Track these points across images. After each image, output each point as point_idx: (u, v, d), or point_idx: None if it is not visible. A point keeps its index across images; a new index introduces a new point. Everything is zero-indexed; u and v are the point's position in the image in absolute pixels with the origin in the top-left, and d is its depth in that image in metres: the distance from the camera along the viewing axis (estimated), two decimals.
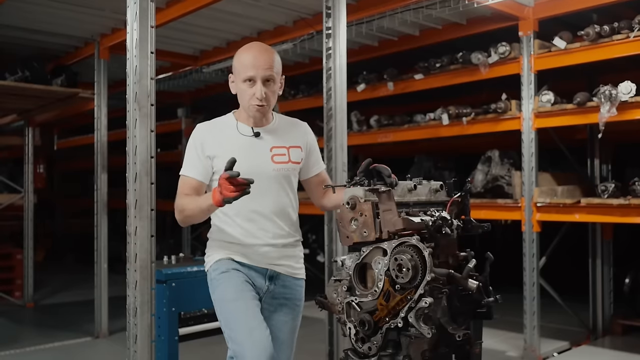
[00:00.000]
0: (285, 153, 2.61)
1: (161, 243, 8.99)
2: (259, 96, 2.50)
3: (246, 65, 2.50)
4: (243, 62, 2.52)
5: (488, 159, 5.75)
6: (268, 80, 2.51)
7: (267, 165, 2.56)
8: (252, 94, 2.51)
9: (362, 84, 6.21)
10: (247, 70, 2.50)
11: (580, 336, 5.75)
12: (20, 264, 7.63)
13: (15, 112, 7.43)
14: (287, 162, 2.60)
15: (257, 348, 2.32)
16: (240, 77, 2.53)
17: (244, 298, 2.47)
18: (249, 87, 2.51)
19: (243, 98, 2.55)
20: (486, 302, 2.08)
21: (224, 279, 2.52)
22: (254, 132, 2.59)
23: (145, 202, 2.95)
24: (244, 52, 2.55)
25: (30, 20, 5.47)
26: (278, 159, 2.59)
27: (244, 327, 2.39)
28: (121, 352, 3.12)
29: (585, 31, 4.62)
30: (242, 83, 2.52)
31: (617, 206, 4.59)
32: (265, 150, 2.58)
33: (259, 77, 2.49)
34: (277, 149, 2.60)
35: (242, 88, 2.53)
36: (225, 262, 2.55)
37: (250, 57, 2.51)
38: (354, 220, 2.18)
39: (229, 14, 5.34)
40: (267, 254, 2.56)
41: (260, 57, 2.51)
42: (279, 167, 2.58)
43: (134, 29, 2.98)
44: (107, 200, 5.89)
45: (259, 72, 2.49)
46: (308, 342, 4.44)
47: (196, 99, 8.88)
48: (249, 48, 2.57)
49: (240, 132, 2.59)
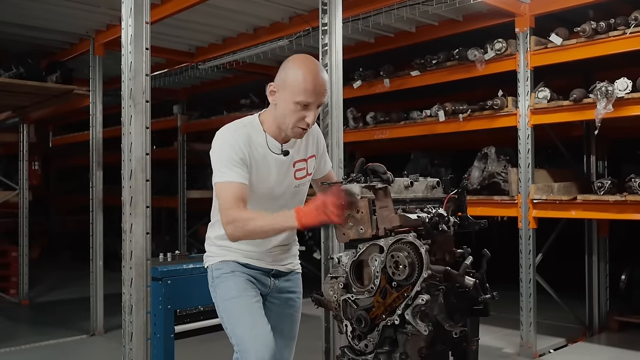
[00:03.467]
0: (304, 167, 2.57)
1: (157, 240, 8.96)
2: (311, 122, 2.37)
3: (307, 89, 2.31)
4: (301, 84, 2.31)
5: (484, 155, 5.74)
6: (319, 105, 2.40)
7: (290, 182, 2.53)
8: (301, 117, 2.35)
9: (359, 81, 6.20)
10: (307, 95, 2.31)
11: (576, 332, 5.76)
12: (16, 262, 7.60)
13: (10, 109, 7.39)
14: (306, 175, 2.58)
15: (259, 343, 2.33)
16: (294, 97, 2.32)
17: (246, 295, 2.48)
18: (300, 109, 2.34)
19: (288, 117, 2.36)
20: (483, 299, 2.08)
21: (226, 279, 2.52)
22: (283, 151, 2.47)
23: (140, 199, 2.93)
24: (303, 71, 2.33)
25: (25, 16, 5.44)
26: (299, 174, 2.56)
27: (246, 322, 2.40)
28: (117, 350, 3.11)
29: (582, 27, 4.62)
30: (292, 103, 2.33)
31: (613, 202, 4.59)
32: (290, 167, 2.52)
33: (316, 103, 2.35)
34: (298, 164, 2.55)
35: (291, 108, 2.34)
36: (229, 264, 2.54)
37: (312, 82, 2.31)
38: (350, 217, 2.18)
39: (224, 10, 5.32)
40: (272, 258, 2.58)
41: (320, 82, 2.34)
42: (299, 182, 2.56)
43: (129, 24, 2.96)
44: (102, 197, 5.88)
45: (317, 99, 2.34)
46: (304, 340, 4.42)
47: (192, 95, 8.84)
48: (310, 69, 2.34)
49: (271, 148, 2.45)
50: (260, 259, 2.55)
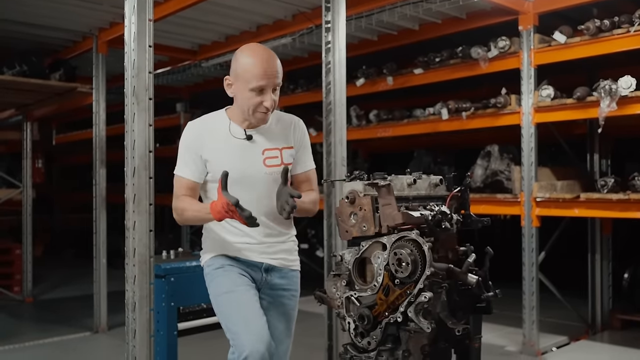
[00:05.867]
0: (277, 155, 2.57)
1: (160, 238, 8.94)
2: (269, 105, 2.45)
3: (255, 74, 2.39)
4: (251, 71, 2.40)
5: (487, 153, 5.74)
6: (276, 87, 2.47)
7: (258, 169, 2.53)
8: (259, 102, 2.44)
9: (362, 79, 6.19)
10: (257, 79, 2.40)
11: (579, 331, 5.76)
12: (19, 259, 7.62)
13: (13, 107, 7.41)
14: (280, 164, 2.56)
15: (254, 338, 2.32)
16: (247, 85, 2.42)
17: (239, 290, 2.48)
18: (256, 95, 2.42)
19: (246, 105, 2.46)
20: (485, 296, 2.08)
21: (218, 274, 2.53)
22: (247, 135, 2.54)
23: (143, 196, 2.94)
24: (251, 58, 2.42)
25: (29, 14, 5.45)
26: (270, 162, 2.55)
27: (240, 318, 2.40)
28: (120, 347, 3.12)
29: (586, 25, 4.61)
30: (248, 91, 2.42)
31: (616, 201, 4.59)
32: (257, 153, 2.54)
33: (270, 86, 2.43)
34: (269, 152, 2.56)
35: (247, 96, 2.43)
36: (219, 259, 2.57)
37: (260, 66, 2.40)
38: (353, 214, 2.18)
39: (227, 8, 5.32)
40: (260, 250, 2.57)
41: (270, 65, 2.42)
42: (271, 170, 2.54)
43: (132, 22, 2.96)
44: (105, 195, 5.89)
45: (270, 81, 2.42)
46: (307, 337, 4.44)
47: (195, 93, 8.86)
48: (255, 54, 2.44)
49: (233, 134, 2.54)
50: (249, 250, 2.55)
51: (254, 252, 2.56)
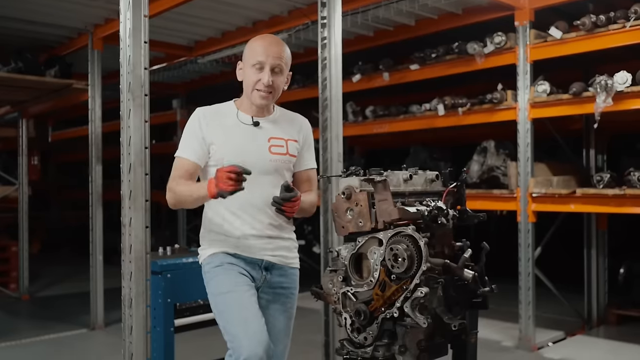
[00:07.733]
0: (283, 145, 2.60)
1: (156, 234, 8.96)
2: (266, 82, 2.50)
3: (257, 51, 2.53)
4: (254, 49, 2.55)
5: (484, 149, 5.75)
6: (276, 70, 2.53)
7: (264, 155, 2.55)
8: (257, 79, 2.52)
9: (358, 75, 6.19)
10: (257, 55, 2.51)
11: (575, 326, 5.78)
12: (16, 256, 7.61)
13: (9, 104, 7.38)
14: (285, 154, 2.59)
15: (253, 341, 2.30)
16: (249, 62, 2.54)
17: (238, 290, 2.46)
18: (256, 72, 2.52)
19: (248, 84, 2.54)
20: (482, 292, 2.08)
21: (217, 273, 2.51)
22: (254, 121, 2.58)
23: (139, 193, 2.93)
24: (257, 40, 2.59)
25: (24, 10, 5.42)
26: (275, 150, 2.58)
27: (238, 319, 2.38)
28: (117, 344, 3.11)
29: (582, 21, 4.61)
30: (250, 68, 2.53)
31: (612, 196, 4.60)
32: (264, 140, 2.57)
33: (268, 63, 2.51)
34: (275, 140, 2.59)
35: (249, 73, 2.54)
36: (219, 256, 2.54)
37: (262, 45, 2.54)
38: (349, 210, 2.18)
39: (223, 3, 5.31)
40: (260, 246, 2.55)
41: (272, 46, 2.55)
42: (276, 157, 2.57)
43: (127, 18, 2.95)
44: (102, 191, 5.87)
45: (269, 59, 2.51)
46: (304, 333, 4.44)
47: (191, 90, 8.84)
48: (262, 37, 2.63)
49: (240, 120, 2.59)
50: (244, 249, 2.53)
51: (254, 247, 2.54)
